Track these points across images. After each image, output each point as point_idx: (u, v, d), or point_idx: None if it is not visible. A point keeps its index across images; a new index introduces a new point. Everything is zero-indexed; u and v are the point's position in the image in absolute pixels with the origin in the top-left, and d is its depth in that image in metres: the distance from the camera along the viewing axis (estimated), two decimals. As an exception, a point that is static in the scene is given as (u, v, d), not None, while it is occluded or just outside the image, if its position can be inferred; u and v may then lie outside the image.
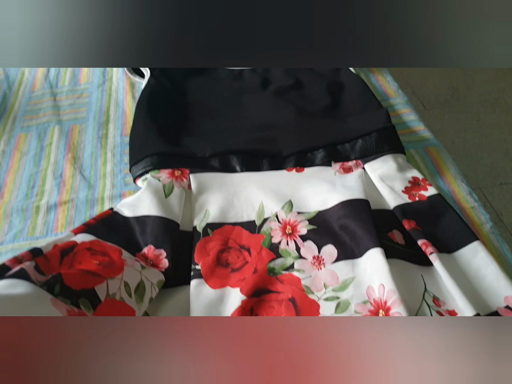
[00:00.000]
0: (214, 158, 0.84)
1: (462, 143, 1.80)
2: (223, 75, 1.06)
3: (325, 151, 0.84)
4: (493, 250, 0.72)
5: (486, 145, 1.78)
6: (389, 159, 0.81)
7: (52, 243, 0.65)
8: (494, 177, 1.67)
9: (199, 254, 0.71)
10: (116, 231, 0.72)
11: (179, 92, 1.00)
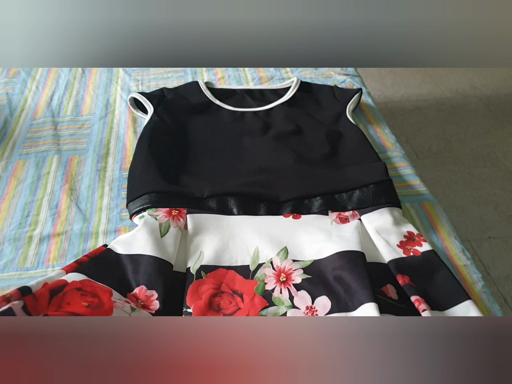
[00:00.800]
0: (211, 199, 0.85)
1: (452, 194, 1.83)
2: (225, 116, 1.08)
3: (323, 199, 0.85)
4: (484, 310, 0.72)
5: (477, 198, 1.81)
6: (385, 212, 0.82)
7: (42, 281, 0.64)
8: (483, 230, 1.69)
9: (191, 297, 0.71)
10: (108, 270, 0.71)
11: (181, 130, 1.01)
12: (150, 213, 0.80)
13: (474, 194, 1.83)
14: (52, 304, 0.61)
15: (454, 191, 1.85)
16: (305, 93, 1.14)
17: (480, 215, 1.75)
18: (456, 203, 1.79)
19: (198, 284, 0.72)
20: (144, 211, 0.81)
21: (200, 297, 0.70)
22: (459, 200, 1.81)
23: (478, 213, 1.76)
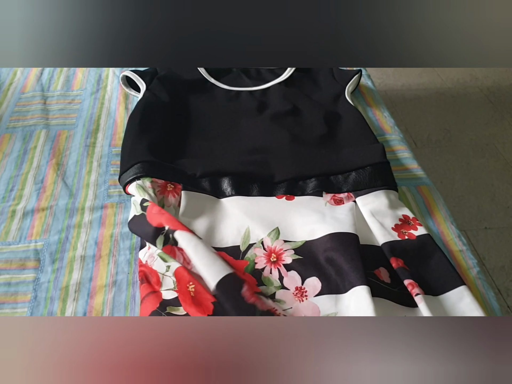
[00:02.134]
0: (204, 179, 0.82)
1: (450, 184, 1.81)
2: (220, 95, 1.05)
3: (317, 181, 0.83)
4: (479, 296, 0.70)
5: (474, 188, 1.79)
6: (381, 195, 0.80)
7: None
8: (479, 221, 1.67)
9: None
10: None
11: (174, 108, 0.98)
12: (147, 184, 0.78)
13: (472, 185, 1.81)
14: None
15: (451, 181, 1.83)
16: (303, 73, 1.11)
17: (477, 205, 1.73)
18: (454, 193, 1.77)
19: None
20: (138, 179, 0.78)
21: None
22: (457, 190, 1.79)
23: (475, 204, 1.74)
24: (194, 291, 0.64)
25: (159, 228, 0.70)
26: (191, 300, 0.63)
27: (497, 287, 1.48)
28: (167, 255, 0.69)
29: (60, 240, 0.75)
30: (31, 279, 0.70)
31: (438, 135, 2.04)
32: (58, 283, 0.70)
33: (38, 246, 0.74)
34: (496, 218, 1.69)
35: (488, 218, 1.69)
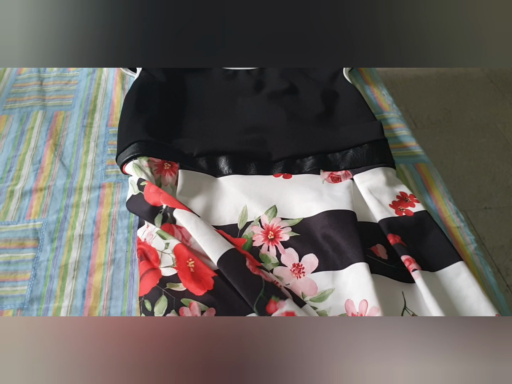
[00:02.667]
0: (201, 158, 0.82)
1: (450, 164, 1.80)
2: (217, 74, 1.04)
3: (315, 159, 0.83)
4: (476, 272, 0.71)
5: (474, 168, 1.79)
6: (378, 172, 0.80)
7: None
8: (479, 201, 1.67)
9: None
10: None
11: (171, 87, 0.97)
12: (144, 163, 0.77)
13: (472, 165, 1.81)
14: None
15: (452, 161, 1.82)
16: None
17: (477, 185, 1.73)
18: (454, 173, 1.77)
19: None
20: (135, 159, 0.78)
21: None
22: (457, 170, 1.78)
23: (475, 184, 1.73)
24: (194, 267, 0.65)
25: (157, 207, 0.70)
26: (191, 276, 0.64)
27: (496, 266, 1.48)
28: (165, 232, 0.69)
29: (58, 219, 0.75)
30: (30, 258, 0.70)
31: (438, 115, 2.02)
32: (57, 262, 0.70)
33: (36, 225, 0.74)
34: (496, 198, 1.69)
35: (488, 198, 1.69)
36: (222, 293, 0.62)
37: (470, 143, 1.89)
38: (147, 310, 0.61)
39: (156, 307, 0.60)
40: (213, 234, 0.67)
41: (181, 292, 0.62)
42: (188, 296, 0.62)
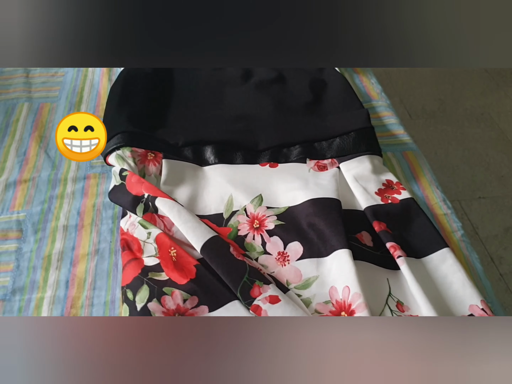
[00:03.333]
0: (187, 148, 0.81)
1: (444, 154, 1.80)
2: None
3: (301, 148, 0.82)
4: (462, 258, 0.70)
5: (468, 158, 1.78)
6: (365, 160, 0.79)
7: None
8: (473, 190, 1.67)
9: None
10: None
11: (156, 76, 0.96)
12: (127, 153, 0.77)
13: (466, 154, 1.80)
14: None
15: (446, 151, 1.81)
16: None
17: (471, 175, 1.72)
18: (448, 163, 1.76)
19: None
20: (118, 149, 0.78)
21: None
22: (451, 160, 1.78)
23: (470, 173, 1.73)
24: (176, 255, 0.64)
25: (139, 197, 0.70)
26: (173, 265, 0.63)
27: (490, 256, 1.48)
28: (147, 222, 0.68)
29: (42, 210, 0.75)
30: (13, 249, 0.70)
31: (433, 106, 2.01)
32: (40, 253, 0.70)
33: (20, 217, 0.74)
34: (490, 188, 1.68)
35: (482, 187, 1.68)
36: (205, 281, 0.62)
37: (464, 133, 1.89)
38: (129, 300, 0.60)
39: (138, 296, 0.60)
40: (196, 221, 0.66)
41: (163, 281, 0.62)
42: (170, 285, 0.61)
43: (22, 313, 0.63)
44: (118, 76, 0.95)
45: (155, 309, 0.59)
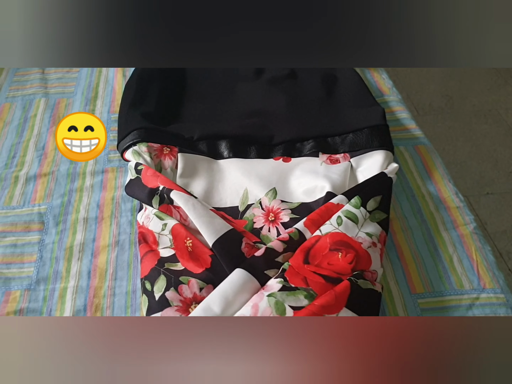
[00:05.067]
0: (202, 142, 0.83)
1: (452, 150, 1.80)
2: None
3: (315, 142, 0.83)
4: (475, 250, 0.72)
5: (476, 154, 1.79)
6: (375, 155, 0.80)
7: None
8: (481, 186, 1.67)
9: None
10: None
11: (170, 73, 0.98)
12: (142, 149, 0.78)
13: (474, 151, 1.80)
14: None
15: (454, 148, 1.82)
16: None
17: (479, 171, 1.73)
18: (456, 159, 1.77)
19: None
20: (134, 145, 0.79)
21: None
22: (459, 157, 1.78)
23: (478, 169, 1.74)
24: (191, 245, 0.66)
25: (154, 189, 0.71)
26: (189, 255, 0.65)
27: (498, 251, 1.49)
28: (163, 213, 0.70)
29: (63, 203, 0.77)
30: (36, 241, 0.72)
31: (440, 102, 2.02)
32: (62, 244, 0.71)
33: (41, 209, 0.76)
34: (498, 184, 1.69)
35: (490, 183, 1.69)
36: (219, 271, 0.63)
37: (472, 129, 1.89)
38: (147, 291, 0.62)
39: (156, 286, 0.62)
40: (210, 216, 0.67)
41: (180, 271, 0.63)
42: (186, 274, 0.63)
43: (47, 302, 0.65)
44: (132, 72, 0.96)
45: (173, 298, 0.60)
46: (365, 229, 0.67)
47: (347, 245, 0.64)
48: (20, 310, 0.64)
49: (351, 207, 0.69)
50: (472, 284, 0.67)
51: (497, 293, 0.66)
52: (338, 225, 0.66)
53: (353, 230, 0.66)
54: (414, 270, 0.69)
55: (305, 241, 0.66)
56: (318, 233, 0.66)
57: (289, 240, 0.65)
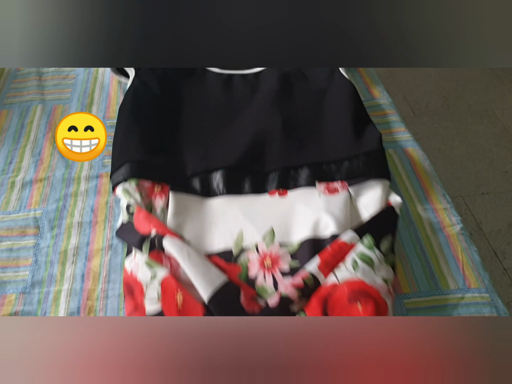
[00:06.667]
0: (195, 178, 0.79)
1: (448, 151, 1.82)
2: (212, 80, 0.97)
3: (309, 170, 0.79)
4: (461, 250, 0.73)
5: (472, 155, 1.80)
6: (374, 186, 0.77)
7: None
8: (477, 186, 1.68)
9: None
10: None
11: (165, 96, 0.92)
12: (133, 186, 0.75)
13: (470, 151, 1.82)
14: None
15: (449, 148, 1.83)
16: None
17: (475, 171, 1.74)
18: (451, 160, 1.78)
19: None
20: (125, 181, 0.76)
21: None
22: (455, 157, 1.80)
23: (473, 169, 1.75)
24: (182, 300, 0.61)
25: (146, 236, 0.68)
26: (177, 312, 0.61)
27: (493, 250, 1.50)
28: (153, 261, 0.66)
29: (58, 208, 0.79)
30: (31, 245, 0.73)
31: (436, 103, 2.03)
32: (57, 248, 0.73)
33: (37, 214, 0.78)
34: (494, 183, 1.70)
35: (485, 183, 1.70)
36: None
37: (468, 129, 1.90)
38: None
39: None
40: (205, 265, 0.64)
41: None
42: None
43: (42, 304, 0.67)
44: (125, 95, 0.91)
45: None
46: (381, 273, 0.64)
47: (365, 294, 0.60)
48: (15, 312, 0.65)
49: (365, 248, 0.65)
50: (458, 284, 0.69)
51: (481, 293, 0.68)
52: (354, 269, 0.63)
53: (370, 275, 0.63)
54: (401, 271, 0.71)
55: (320, 287, 0.63)
56: (333, 278, 0.63)
57: (304, 287, 0.62)
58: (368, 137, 0.83)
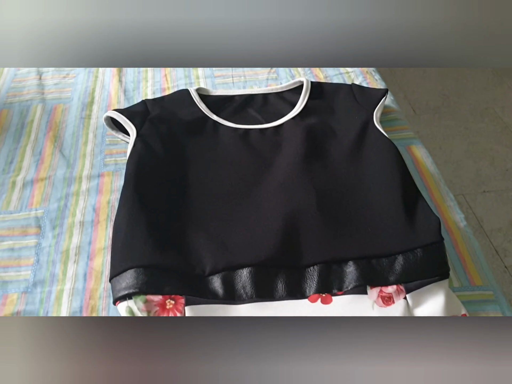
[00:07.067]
0: (215, 278, 0.64)
1: (449, 149, 1.82)
2: (226, 137, 0.83)
3: (357, 266, 0.64)
4: (465, 248, 0.73)
5: (473, 153, 1.80)
6: (435, 291, 0.63)
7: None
8: (478, 185, 1.69)
9: None
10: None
11: (173, 161, 0.78)
12: (140, 306, 0.61)
13: (471, 149, 1.82)
14: None
15: (450, 146, 1.83)
16: (318, 100, 0.90)
17: (476, 169, 1.74)
18: (452, 158, 1.78)
19: None
20: (130, 298, 0.62)
21: None
22: (456, 155, 1.80)
23: (474, 168, 1.75)
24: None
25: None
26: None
27: (494, 249, 1.50)
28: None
29: (59, 207, 0.78)
30: (33, 244, 0.73)
31: (437, 102, 2.04)
32: (59, 247, 0.73)
33: (38, 214, 0.77)
34: (495, 181, 1.70)
35: (486, 181, 1.70)
36: None
37: (468, 127, 1.91)
38: None
39: None
40: None
41: None
42: None
43: (44, 304, 0.66)
44: (128, 163, 0.78)
45: None
46: None
47: None
48: (17, 312, 0.65)
49: None
50: (462, 282, 0.69)
51: (485, 290, 0.67)
52: None
53: None
54: (405, 269, 0.70)
55: None
56: None
57: None
58: (423, 222, 0.68)
